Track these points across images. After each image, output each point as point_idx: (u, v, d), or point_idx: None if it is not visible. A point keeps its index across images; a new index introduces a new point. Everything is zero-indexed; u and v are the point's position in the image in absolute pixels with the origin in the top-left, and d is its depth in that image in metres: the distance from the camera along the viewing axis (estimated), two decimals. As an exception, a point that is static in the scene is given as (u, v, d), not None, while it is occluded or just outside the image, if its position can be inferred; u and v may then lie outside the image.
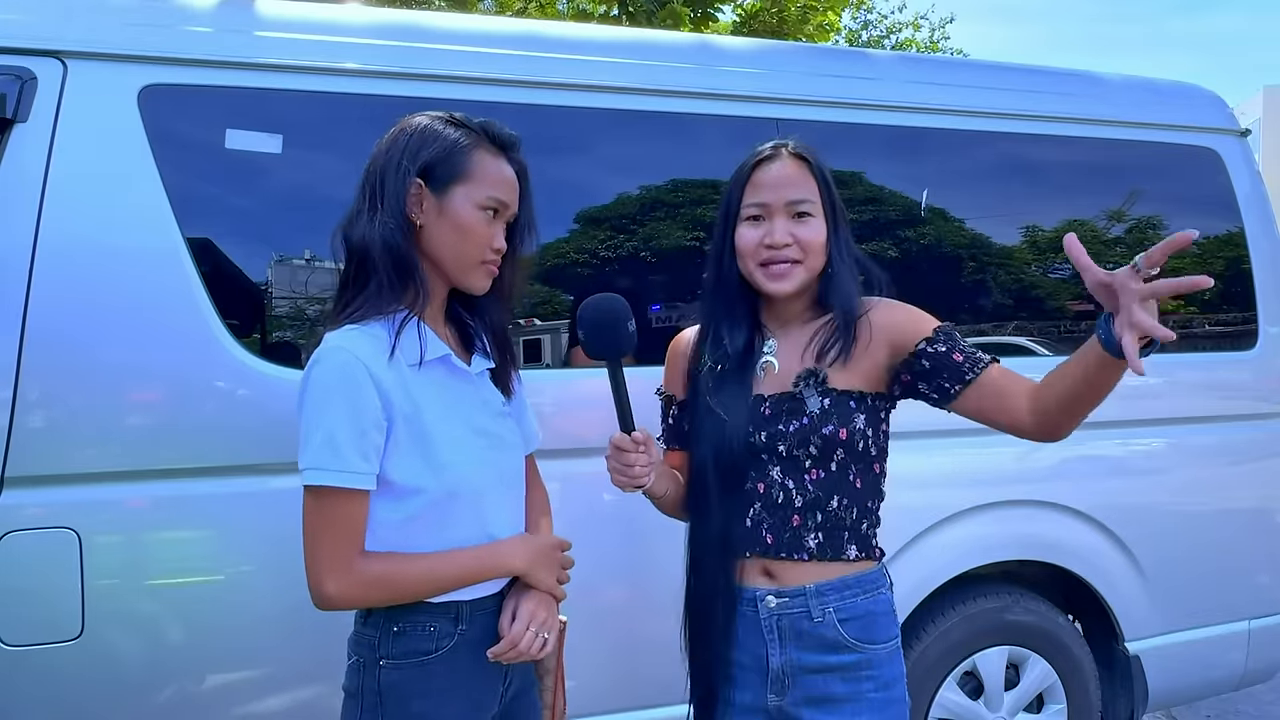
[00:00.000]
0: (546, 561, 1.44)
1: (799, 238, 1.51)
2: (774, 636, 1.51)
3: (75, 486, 1.77)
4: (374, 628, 1.36)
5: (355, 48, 2.02)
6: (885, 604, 1.54)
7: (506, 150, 1.42)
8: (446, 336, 1.44)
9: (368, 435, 1.27)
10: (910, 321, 1.53)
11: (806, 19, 7.68)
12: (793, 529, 1.50)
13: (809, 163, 1.55)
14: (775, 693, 1.52)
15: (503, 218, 1.41)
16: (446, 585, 1.34)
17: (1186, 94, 2.89)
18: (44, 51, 1.80)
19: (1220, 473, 2.76)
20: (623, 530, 2.04)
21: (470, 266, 1.38)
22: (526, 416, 1.58)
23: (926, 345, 1.49)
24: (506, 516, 1.44)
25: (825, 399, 1.49)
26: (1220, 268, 2.82)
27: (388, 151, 1.36)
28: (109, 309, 1.78)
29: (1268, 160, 21.74)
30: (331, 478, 1.25)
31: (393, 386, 1.30)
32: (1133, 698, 2.65)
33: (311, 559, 1.28)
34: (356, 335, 1.30)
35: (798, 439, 1.48)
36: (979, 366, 1.47)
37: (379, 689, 1.34)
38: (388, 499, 1.32)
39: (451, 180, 1.35)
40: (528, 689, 1.51)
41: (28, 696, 1.74)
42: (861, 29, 18.53)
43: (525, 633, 1.36)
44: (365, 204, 1.35)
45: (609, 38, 2.36)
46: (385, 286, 1.32)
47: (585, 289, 2.20)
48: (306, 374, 1.30)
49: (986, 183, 2.62)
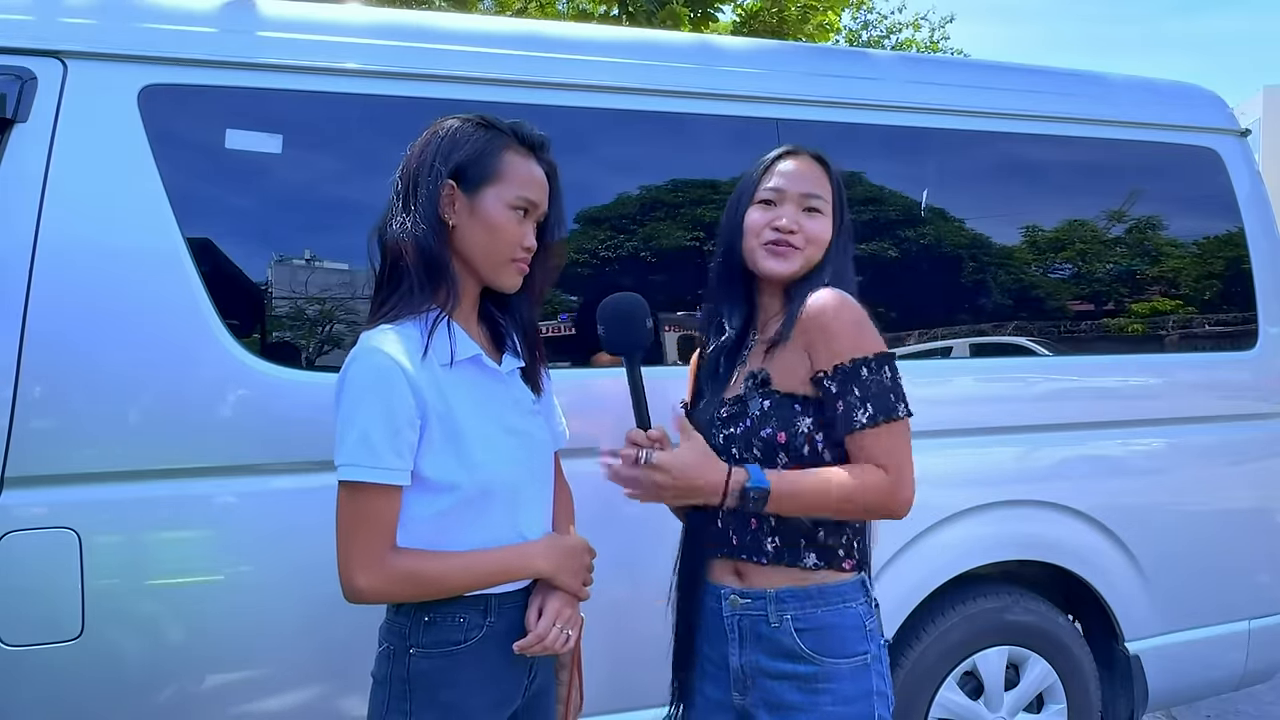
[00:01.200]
0: (571, 564, 1.45)
1: (805, 228, 1.54)
2: (735, 636, 1.53)
3: (75, 486, 1.77)
4: (406, 616, 1.39)
5: (355, 48, 2.02)
6: (853, 618, 1.50)
7: (536, 151, 1.45)
8: (479, 336, 1.47)
9: (401, 433, 1.30)
10: (822, 341, 1.46)
11: (806, 19, 7.68)
12: (751, 531, 1.52)
13: (828, 168, 1.60)
14: (738, 692, 1.54)
15: (533, 217, 1.44)
16: (474, 584, 1.37)
17: (1186, 94, 2.89)
18: (44, 51, 1.80)
19: (1220, 473, 2.76)
20: (631, 530, 2.05)
21: (501, 265, 1.41)
22: (555, 414, 1.61)
23: (823, 377, 1.46)
24: (537, 514, 1.47)
25: (766, 401, 1.49)
26: (1220, 268, 2.82)
27: (420, 154, 1.40)
28: (109, 309, 1.79)
29: (1268, 160, 21.74)
30: (365, 474, 1.28)
31: (426, 385, 1.33)
32: (1133, 698, 2.65)
33: (344, 553, 1.31)
34: (391, 335, 1.33)
35: (743, 441, 1.50)
36: (850, 427, 1.43)
37: (408, 677, 1.37)
38: (422, 495, 1.35)
39: (483, 181, 1.38)
40: (550, 685, 1.54)
41: (28, 696, 1.74)
42: (861, 29, 18.55)
43: (551, 629, 1.39)
44: (399, 206, 1.38)
45: (609, 38, 2.36)
46: (418, 286, 1.36)
47: (585, 289, 2.21)
48: (343, 373, 1.33)
49: (986, 183, 2.62)
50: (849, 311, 1.47)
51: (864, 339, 1.46)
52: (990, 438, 2.50)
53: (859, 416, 1.43)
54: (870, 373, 1.44)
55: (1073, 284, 2.69)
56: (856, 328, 1.46)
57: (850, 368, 1.44)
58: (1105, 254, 2.73)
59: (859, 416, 1.43)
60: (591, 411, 1.94)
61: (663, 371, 2.09)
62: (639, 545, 1.90)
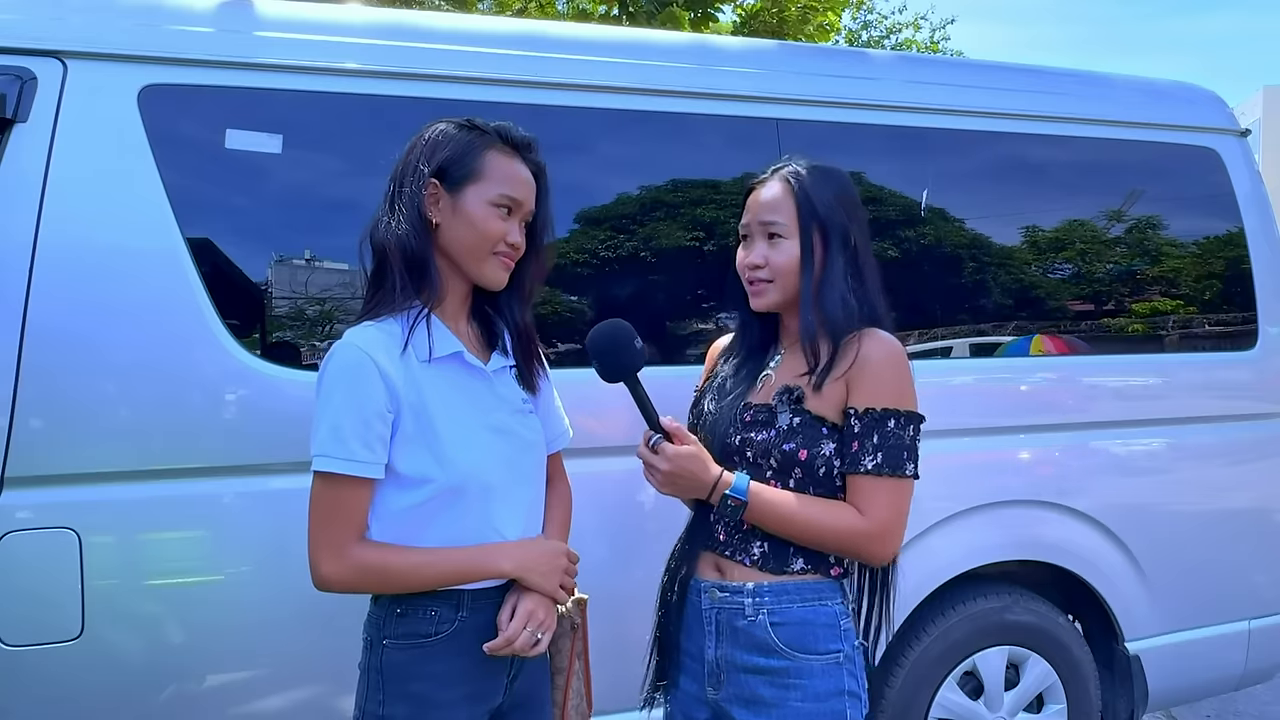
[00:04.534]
0: (544, 566, 1.45)
1: (769, 260, 1.55)
2: (711, 629, 1.55)
3: (75, 486, 1.77)
4: (382, 608, 1.42)
5: (355, 48, 2.02)
6: (828, 616, 1.51)
7: (521, 150, 1.47)
8: (467, 334, 1.48)
9: (371, 425, 1.32)
10: (865, 382, 1.48)
11: (807, 19, 7.67)
12: (743, 532, 1.54)
13: (792, 186, 1.56)
14: (712, 686, 1.55)
15: (518, 215, 1.45)
16: (437, 580, 1.38)
17: (1186, 94, 2.89)
18: (44, 51, 1.80)
19: (1220, 473, 2.76)
20: (639, 529, 2.06)
21: (484, 261, 1.43)
22: (554, 415, 1.62)
23: (852, 414, 1.49)
24: (518, 513, 1.47)
25: (796, 418, 1.51)
26: (1220, 268, 2.82)
27: (406, 156, 1.44)
28: (109, 309, 1.79)
29: (1268, 160, 21.73)
30: (334, 464, 1.31)
31: (401, 380, 1.35)
32: (1133, 698, 2.65)
33: (312, 540, 1.35)
34: (371, 331, 1.37)
35: (763, 448, 1.52)
36: (855, 469, 1.47)
37: (381, 667, 1.40)
38: (396, 488, 1.37)
39: (465, 179, 1.41)
40: (540, 686, 1.53)
41: (28, 696, 1.74)
42: (861, 29, 18.52)
43: (522, 631, 1.39)
44: (386, 207, 1.42)
45: (609, 38, 2.36)
46: (400, 284, 1.39)
47: (585, 289, 2.21)
48: (321, 368, 1.37)
49: (986, 183, 2.63)
50: (895, 363, 1.50)
51: (902, 393, 1.49)
52: (990, 438, 2.50)
53: (866, 461, 1.46)
54: (896, 426, 1.47)
55: (1073, 284, 2.69)
56: (897, 381, 1.49)
57: (880, 415, 1.47)
58: (1105, 254, 2.73)
59: (866, 461, 1.46)
60: (605, 412, 1.95)
61: (673, 372, 2.08)
62: (646, 545, 1.91)
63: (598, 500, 1.99)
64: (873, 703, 2.41)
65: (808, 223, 1.54)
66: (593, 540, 2.00)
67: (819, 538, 1.49)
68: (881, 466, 1.46)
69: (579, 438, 1.74)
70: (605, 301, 2.23)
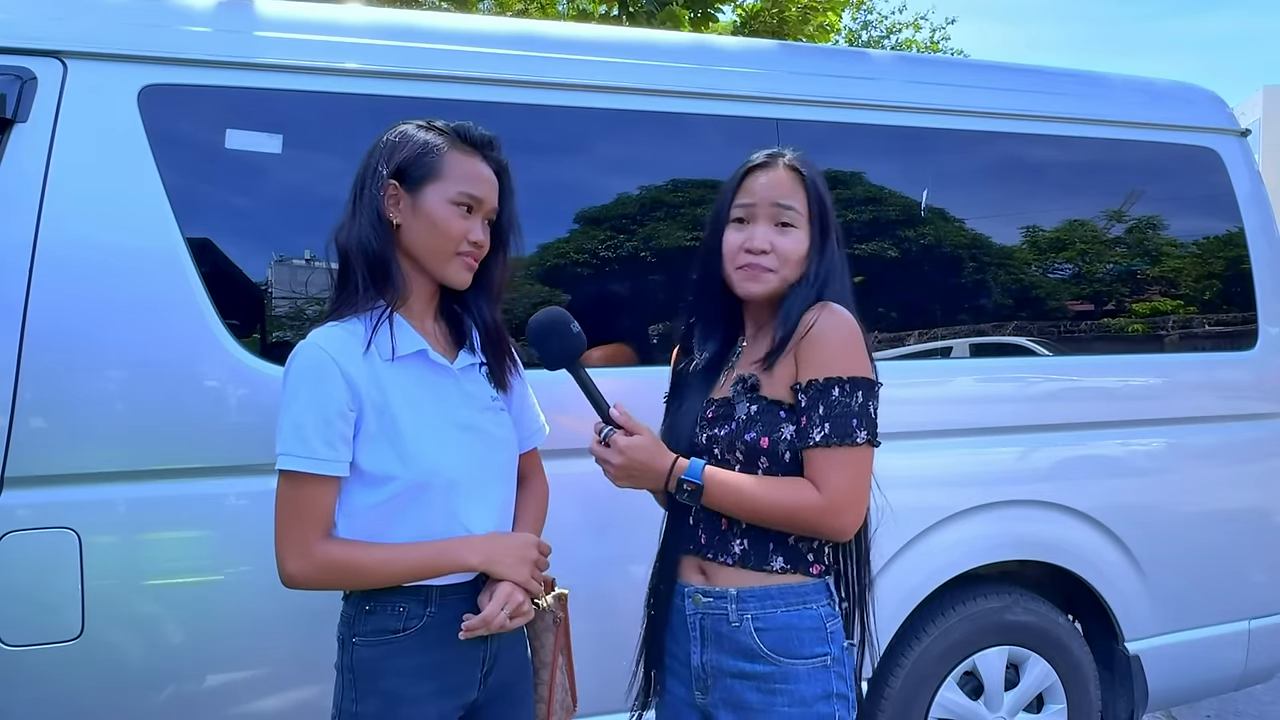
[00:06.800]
0: (511, 557, 1.45)
1: (777, 246, 1.51)
2: (697, 635, 1.54)
3: (75, 486, 1.77)
4: (352, 606, 1.44)
5: (355, 48, 2.02)
6: (814, 619, 1.49)
7: (481, 149, 1.47)
8: (434, 332, 1.49)
9: (333, 424, 1.34)
10: (807, 354, 1.45)
11: (807, 19, 7.67)
12: (721, 531, 1.52)
13: (803, 175, 1.55)
14: (699, 690, 1.54)
15: (479, 213, 1.46)
16: (402, 575, 1.39)
17: (1186, 94, 2.89)
18: (44, 51, 1.80)
19: (1220, 473, 2.76)
20: (620, 529, 2.05)
21: (446, 260, 1.44)
22: (528, 412, 1.62)
23: (798, 389, 1.46)
24: (487, 509, 1.47)
25: (753, 406, 1.49)
26: (1220, 268, 2.82)
27: (367, 159, 1.45)
28: (109, 309, 1.79)
29: (1268, 160, 21.72)
30: (297, 463, 1.34)
31: (364, 378, 1.36)
32: (1133, 698, 2.65)
33: (278, 538, 1.38)
34: (333, 331, 1.39)
35: (727, 443, 1.50)
36: (805, 443, 1.44)
37: (353, 665, 1.41)
38: (360, 485, 1.39)
39: (424, 179, 1.42)
40: (520, 680, 1.53)
41: (28, 696, 1.74)
42: (861, 29, 18.54)
43: (499, 612, 1.40)
44: (350, 209, 1.44)
45: (609, 38, 2.36)
46: (362, 284, 1.42)
47: (585, 289, 2.21)
48: (285, 369, 1.39)
49: (986, 183, 2.62)
50: (840, 332, 1.46)
51: (848, 360, 1.45)
52: (990, 438, 2.49)
53: (815, 434, 1.43)
54: (841, 394, 1.43)
55: (1073, 284, 2.69)
56: (842, 348, 1.45)
57: (822, 385, 1.44)
58: (1105, 254, 2.73)
59: (815, 434, 1.43)
60: (593, 413, 1.94)
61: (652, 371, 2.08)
62: (634, 546, 1.90)
63: (585, 501, 1.98)
64: (873, 702, 2.41)
65: (817, 215, 1.54)
66: (580, 541, 2.01)
67: (777, 516, 1.45)
68: (830, 437, 1.42)
69: (566, 438, 1.74)
70: (605, 301, 2.23)
